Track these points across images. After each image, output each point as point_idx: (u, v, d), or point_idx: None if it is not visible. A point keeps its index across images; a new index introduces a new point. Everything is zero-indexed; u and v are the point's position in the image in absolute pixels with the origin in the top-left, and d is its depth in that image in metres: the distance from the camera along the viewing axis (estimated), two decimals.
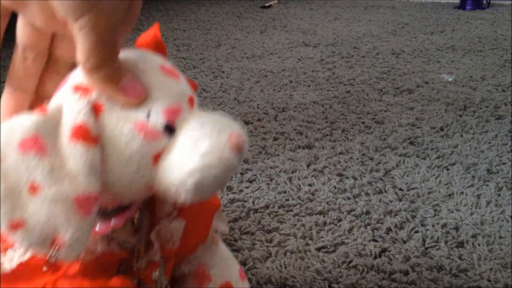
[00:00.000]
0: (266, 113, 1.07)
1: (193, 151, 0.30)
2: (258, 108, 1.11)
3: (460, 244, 0.63)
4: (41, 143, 0.28)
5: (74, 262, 0.33)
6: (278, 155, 0.89)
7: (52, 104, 0.30)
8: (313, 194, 0.75)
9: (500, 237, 0.64)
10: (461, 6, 2.29)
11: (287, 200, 0.74)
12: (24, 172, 0.27)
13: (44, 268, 0.31)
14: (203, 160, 0.30)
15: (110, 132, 0.29)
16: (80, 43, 0.27)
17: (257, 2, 2.54)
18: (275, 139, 0.95)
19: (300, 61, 1.48)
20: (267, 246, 0.63)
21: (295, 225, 0.68)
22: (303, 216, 0.70)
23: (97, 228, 0.33)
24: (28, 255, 0.32)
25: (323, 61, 1.47)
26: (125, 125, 0.29)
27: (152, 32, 0.36)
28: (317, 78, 1.32)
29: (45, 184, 0.27)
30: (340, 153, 0.89)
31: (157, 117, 0.30)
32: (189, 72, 1.39)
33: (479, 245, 0.63)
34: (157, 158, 0.30)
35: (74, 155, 0.28)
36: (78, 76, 0.30)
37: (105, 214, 0.34)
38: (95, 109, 0.29)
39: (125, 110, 0.30)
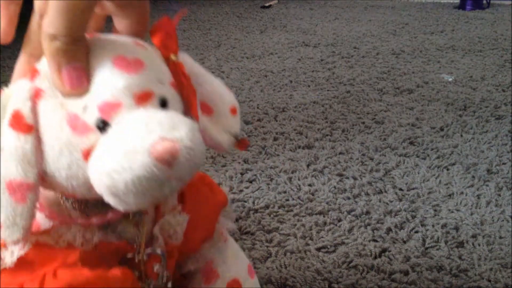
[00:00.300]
0: (266, 113, 1.07)
1: (114, 150, 0.27)
2: (258, 108, 1.11)
3: (460, 244, 0.63)
4: None
5: (72, 251, 0.33)
6: (278, 155, 0.89)
7: (11, 87, 0.30)
8: (313, 194, 0.75)
9: (500, 237, 0.65)
10: (461, 6, 2.29)
11: (287, 200, 0.74)
12: None
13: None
14: (114, 164, 0.27)
15: (44, 120, 0.29)
16: (49, 7, 0.27)
17: (257, 2, 2.54)
18: (275, 139, 0.95)
19: (300, 61, 1.48)
20: (267, 246, 0.63)
21: (295, 225, 0.68)
22: (303, 216, 0.70)
23: (94, 219, 0.33)
24: (27, 248, 0.32)
25: (323, 61, 1.48)
26: (58, 115, 0.28)
27: (164, 22, 0.34)
28: (317, 78, 1.32)
29: None
30: (340, 153, 0.89)
31: (91, 111, 0.28)
32: None
33: (479, 245, 0.63)
34: (87, 153, 0.28)
35: (6, 140, 0.28)
36: (43, 60, 0.30)
37: (99, 206, 0.33)
38: (35, 95, 0.29)
39: (63, 99, 0.29)
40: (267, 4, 2.44)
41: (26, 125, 0.28)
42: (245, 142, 0.36)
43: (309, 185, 0.78)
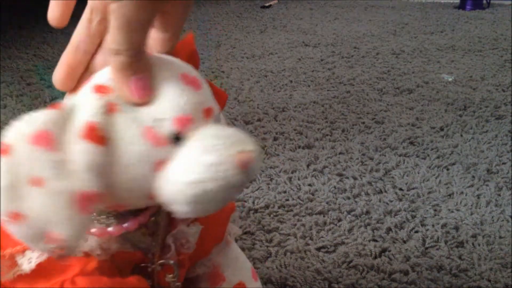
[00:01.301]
0: (266, 113, 1.07)
1: (197, 162, 0.29)
2: (258, 108, 1.11)
3: (460, 244, 0.63)
4: (52, 138, 0.28)
5: (89, 260, 0.33)
6: (278, 155, 0.89)
7: (70, 101, 0.31)
8: (313, 194, 0.75)
9: (500, 237, 0.64)
10: (461, 6, 2.29)
11: (287, 200, 0.74)
12: (31, 165, 0.27)
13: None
14: (206, 173, 0.29)
15: (118, 133, 0.29)
16: (111, 24, 0.29)
17: (257, 2, 2.54)
18: (275, 139, 0.95)
19: (300, 61, 1.48)
20: (267, 246, 0.63)
21: (295, 225, 0.68)
22: (303, 216, 0.70)
23: (111, 229, 0.33)
24: (46, 256, 0.32)
25: (323, 61, 1.48)
26: (133, 128, 0.29)
27: (188, 41, 0.36)
28: (317, 78, 1.32)
29: (49, 178, 0.27)
30: (340, 153, 0.89)
31: (166, 124, 0.30)
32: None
33: (479, 245, 0.63)
34: (160, 165, 0.30)
35: (79, 152, 0.28)
36: (101, 76, 0.31)
37: (118, 216, 0.34)
38: (109, 109, 0.30)
39: (138, 113, 0.30)
40: (267, 4, 2.44)
41: (100, 137, 0.29)
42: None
43: (309, 185, 0.78)
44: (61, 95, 0.34)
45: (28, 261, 0.32)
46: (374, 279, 0.57)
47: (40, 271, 0.32)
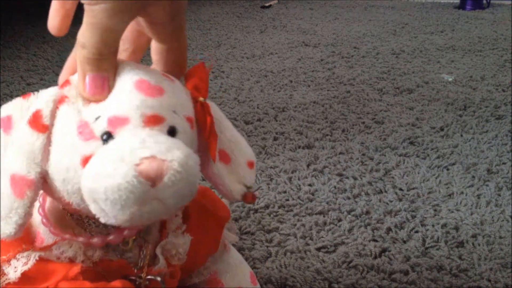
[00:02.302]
0: (266, 113, 1.07)
1: (103, 158, 0.28)
2: (258, 108, 1.11)
3: (460, 244, 0.63)
4: (11, 122, 0.30)
5: (73, 265, 0.33)
6: (278, 155, 0.89)
7: (40, 92, 0.32)
8: (313, 194, 0.75)
9: (500, 237, 0.64)
10: (461, 6, 2.29)
11: (287, 200, 0.74)
12: None
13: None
14: (99, 167, 0.28)
15: (58, 122, 0.31)
16: (84, 18, 0.30)
17: (257, 2, 2.54)
18: (275, 139, 0.95)
19: (300, 61, 1.48)
20: (267, 246, 0.63)
21: (295, 225, 0.68)
22: (303, 216, 0.70)
23: (95, 240, 0.34)
24: (31, 264, 0.33)
25: (323, 61, 1.47)
26: (71, 120, 0.30)
27: (200, 70, 0.36)
28: (317, 78, 1.32)
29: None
30: (340, 153, 0.89)
31: (100, 122, 0.30)
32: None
33: (479, 245, 0.63)
34: (86, 160, 0.29)
35: (21, 137, 0.30)
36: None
37: (101, 226, 0.34)
38: (60, 100, 0.31)
39: (83, 107, 0.31)
40: (267, 4, 2.44)
41: (42, 125, 0.30)
42: (253, 196, 0.37)
43: (309, 185, 0.78)
44: None
45: (14, 270, 0.33)
46: (374, 279, 0.57)
47: (26, 278, 0.33)
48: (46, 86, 0.33)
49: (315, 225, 0.68)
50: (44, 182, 0.31)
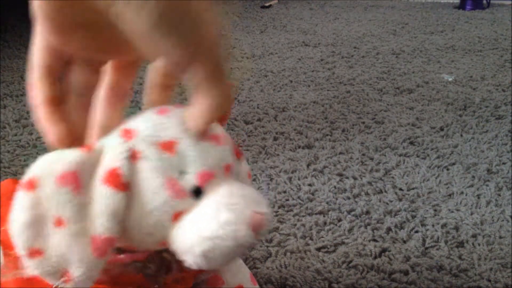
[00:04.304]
0: (266, 113, 1.07)
1: (212, 219, 0.30)
2: (258, 108, 1.11)
3: (460, 244, 0.63)
4: (78, 180, 0.28)
5: None
6: (278, 155, 0.89)
7: (99, 142, 0.31)
8: (313, 194, 0.75)
9: (500, 237, 0.64)
10: (461, 6, 2.29)
11: (287, 200, 0.74)
12: (55, 205, 0.28)
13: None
14: (218, 231, 0.29)
15: (141, 181, 0.30)
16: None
17: (257, 2, 2.54)
18: (275, 139, 0.95)
19: (300, 61, 1.48)
20: (267, 246, 0.63)
21: (295, 225, 0.68)
22: (303, 216, 0.70)
23: (122, 256, 0.34)
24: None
25: (323, 61, 1.47)
26: (156, 178, 0.30)
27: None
28: (317, 78, 1.32)
29: (71, 219, 0.28)
30: (340, 153, 0.89)
31: (189, 178, 0.30)
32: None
33: (479, 245, 0.63)
34: (178, 216, 0.30)
35: (101, 197, 0.29)
36: (132, 120, 0.31)
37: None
38: (133, 156, 0.30)
39: (161, 163, 0.30)
40: (267, 4, 2.44)
41: (122, 184, 0.29)
42: None
43: (309, 185, 0.78)
44: None
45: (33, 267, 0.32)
46: (374, 279, 0.57)
47: (38, 279, 0.32)
48: None
49: (315, 225, 0.68)
50: None
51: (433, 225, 0.67)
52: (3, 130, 0.99)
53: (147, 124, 0.31)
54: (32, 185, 0.28)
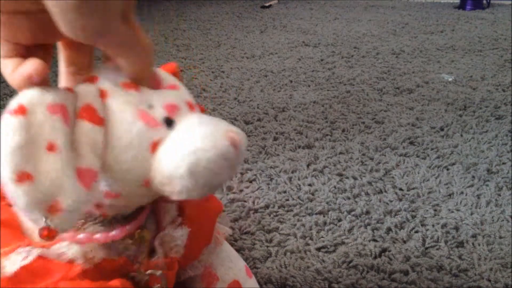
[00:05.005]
0: (266, 113, 1.07)
1: (188, 137, 0.31)
2: (258, 108, 1.11)
3: (460, 244, 0.63)
4: (67, 112, 0.29)
5: (73, 266, 0.33)
6: (278, 155, 0.89)
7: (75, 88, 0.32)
8: (313, 194, 0.75)
9: (500, 237, 0.64)
10: (461, 6, 2.29)
11: (287, 200, 0.74)
12: (48, 130, 0.27)
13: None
14: (197, 143, 0.30)
15: (113, 115, 0.30)
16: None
17: (257, 2, 2.54)
18: (275, 139, 0.95)
19: (300, 61, 1.48)
20: (267, 246, 0.63)
21: (295, 225, 0.68)
22: (303, 216, 0.70)
23: (98, 235, 0.34)
24: (30, 259, 0.32)
25: (323, 61, 1.47)
26: (128, 111, 0.31)
27: (170, 68, 0.38)
28: (317, 78, 1.32)
29: (62, 147, 0.28)
30: (340, 153, 0.89)
31: (158, 109, 0.32)
32: (189, 72, 1.39)
33: (479, 245, 0.63)
34: (155, 146, 0.31)
35: (81, 132, 0.29)
36: (93, 72, 0.33)
37: (104, 224, 0.34)
38: (101, 94, 0.31)
39: (129, 97, 0.31)
40: (267, 4, 2.44)
41: (98, 118, 0.30)
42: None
43: (309, 185, 0.78)
44: None
45: (13, 263, 0.32)
46: (374, 279, 0.57)
47: (23, 274, 0.32)
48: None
49: (315, 225, 0.68)
50: None
51: (433, 225, 0.67)
52: None
53: (106, 71, 0.32)
54: (22, 111, 0.27)
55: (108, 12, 0.27)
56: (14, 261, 0.32)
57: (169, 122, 0.32)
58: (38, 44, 0.30)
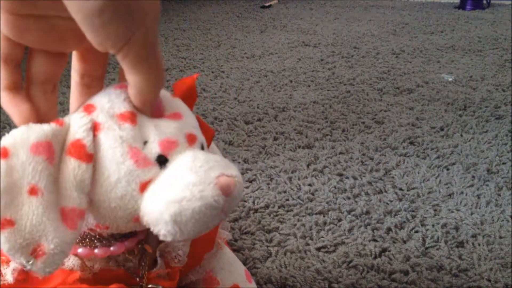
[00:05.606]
0: (266, 113, 1.07)
1: (176, 182, 0.29)
2: (258, 108, 1.11)
3: (460, 244, 0.63)
4: (52, 151, 0.28)
5: (72, 272, 0.33)
6: (278, 155, 0.89)
7: (66, 119, 0.31)
8: (313, 194, 0.75)
9: (500, 237, 0.64)
10: (461, 6, 2.29)
11: (287, 200, 0.74)
12: (30, 172, 0.27)
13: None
14: (184, 192, 0.29)
15: (103, 151, 0.30)
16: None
17: (257, 2, 2.54)
18: (275, 139, 0.95)
19: (300, 61, 1.48)
20: (267, 246, 0.63)
21: (295, 225, 0.68)
22: (303, 216, 0.70)
23: (97, 250, 0.34)
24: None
25: (323, 61, 1.47)
26: (119, 148, 0.30)
27: (190, 80, 0.37)
28: (317, 78, 1.32)
29: (46, 188, 0.27)
30: (340, 153, 0.89)
31: (152, 146, 0.30)
32: (189, 72, 1.39)
33: (479, 245, 0.63)
34: (144, 186, 0.30)
35: (67, 168, 0.29)
36: (94, 96, 0.32)
37: (103, 240, 0.34)
38: (94, 127, 0.30)
39: (123, 133, 0.30)
40: (267, 4, 2.44)
41: (87, 154, 0.29)
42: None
43: (309, 185, 0.78)
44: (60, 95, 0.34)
45: (12, 272, 0.32)
46: (374, 279, 0.57)
47: (23, 281, 0.32)
48: None
49: (315, 225, 0.68)
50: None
51: (433, 225, 0.67)
52: (3, 130, 0.99)
53: (107, 98, 0.31)
54: (4, 154, 0.27)
55: (133, 18, 0.26)
56: (13, 269, 0.32)
57: (162, 161, 0.30)
58: (51, 52, 0.30)
